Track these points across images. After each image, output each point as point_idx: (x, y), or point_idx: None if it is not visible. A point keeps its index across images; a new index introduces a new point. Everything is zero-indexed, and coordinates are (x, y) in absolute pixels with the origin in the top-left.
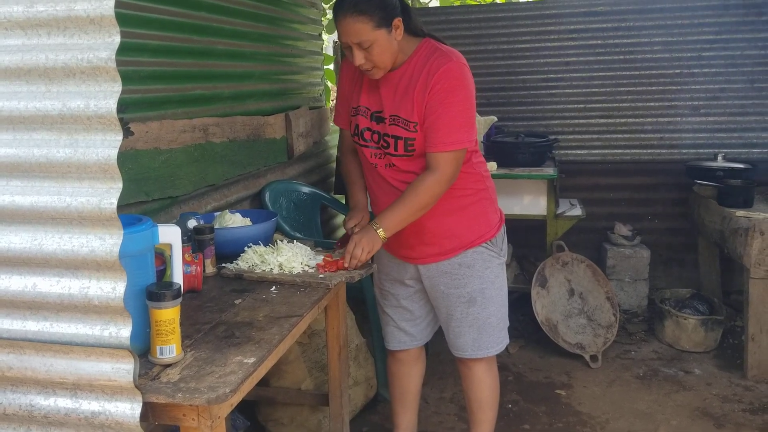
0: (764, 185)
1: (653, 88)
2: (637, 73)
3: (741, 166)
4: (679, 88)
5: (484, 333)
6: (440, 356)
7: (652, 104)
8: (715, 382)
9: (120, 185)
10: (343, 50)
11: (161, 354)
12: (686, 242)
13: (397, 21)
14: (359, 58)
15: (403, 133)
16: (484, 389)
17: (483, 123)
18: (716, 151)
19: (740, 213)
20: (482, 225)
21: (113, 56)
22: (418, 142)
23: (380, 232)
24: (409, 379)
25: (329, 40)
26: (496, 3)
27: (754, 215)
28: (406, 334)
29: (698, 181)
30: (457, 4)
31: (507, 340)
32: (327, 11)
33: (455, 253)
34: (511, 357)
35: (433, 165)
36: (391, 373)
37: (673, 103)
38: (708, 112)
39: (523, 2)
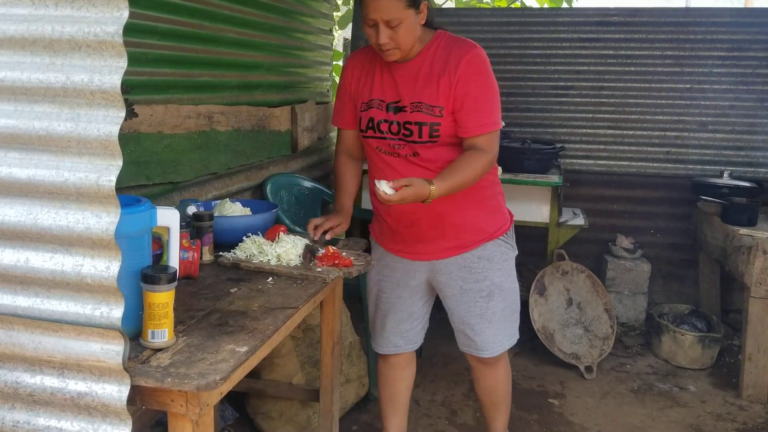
0: None
1: (662, 101)
2: (647, 85)
3: (747, 184)
4: (688, 102)
5: (503, 327)
6: (433, 359)
7: (660, 117)
8: (709, 400)
9: (120, 162)
10: (362, 29)
11: (153, 338)
12: (687, 258)
13: (424, 5)
14: (384, 36)
15: (427, 119)
16: (504, 383)
17: None
18: (722, 168)
19: (743, 231)
20: (499, 218)
21: (120, 31)
22: (443, 128)
23: (432, 188)
24: (401, 382)
25: (340, 36)
26: (510, 7)
27: (757, 234)
28: (402, 337)
29: (703, 197)
30: (472, 4)
31: (517, 335)
32: (340, 6)
33: (475, 246)
34: None
35: (481, 145)
36: (382, 376)
37: (681, 118)
38: (716, 128)
39: (536, 8)
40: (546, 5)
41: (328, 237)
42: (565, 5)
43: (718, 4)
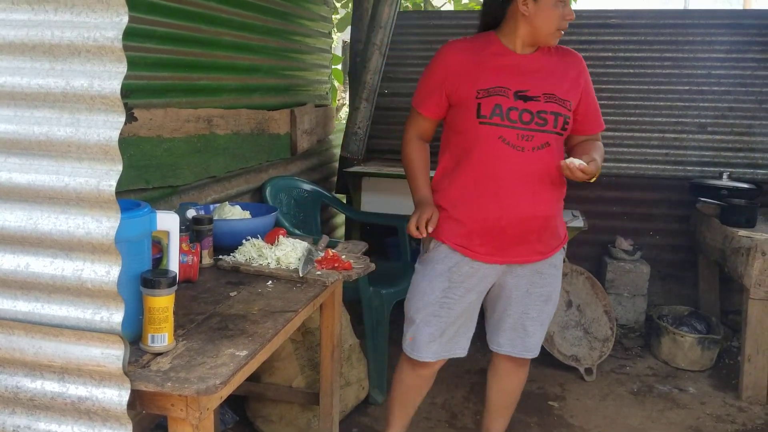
0: None
1: (661, 103)
2: (646, 87)
3: (745, 185)
4: (687, 104)
5: (545, 330)
6: None
7: (659, 119)
8: (709, 402)
9: (120, 167)
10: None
11: (153, 342)
12: (687, 259)
13: None
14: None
15: (561, 111)
16: (524, 382)
17: None
18: (721, 169)
19: (742, 233)
20: (564, 224)
21: (120, 36)
22: (570, 121)
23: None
24: (424, 389)
25: (339, 39)
26: None
27: (756, 235)
28: (458, 345)
29: (702, 199)
30: (471, 6)
31: None
32: (338, 9)
33: (554, 252)
34: None
35: (599, 140)
36: (406, 382)
37: (680, 120)
38: (715, 130)
39: None
40: None
41: (430, 230)
42: None
43: (716, 6)
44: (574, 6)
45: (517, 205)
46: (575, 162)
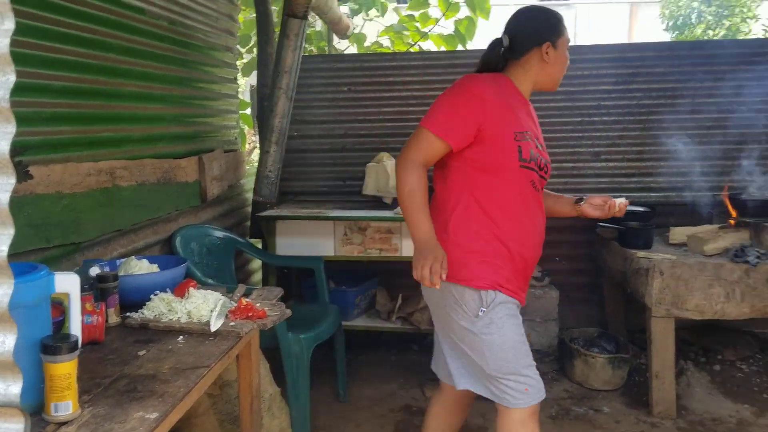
0: (662, 227)
1: (557, 134)
2: (541, 120)
3: (640, 209)
4: (580, 135)
5: None
6: (356, 403)
7: (556, 150)
8: (623, 420)
9: (12, 231)
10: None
11: (56, 411)
12: (592, 282)
13: None
14: None
15: (549, 159)
16: None
17: None
18: (617, 195)
19: (641, 254)
20: None
21: (7, 96)
22: None
23: None
24: None
25: (246, 84)
26: (410, 52)
27: (653, 256)
28: None
29: (600, 224)
30: (373, 49)
31: None
32: (243, 55)
33: None
34: (427, 400)
35: None
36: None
37: (575, 150)
38: (608, 158)
39: (435, 51)
40: (443, 48)
41: (443, 276)
42: (460, 48)
43: (603, 40)
44: (470, 46)
45: (535, 246)
46: (624, 200)
